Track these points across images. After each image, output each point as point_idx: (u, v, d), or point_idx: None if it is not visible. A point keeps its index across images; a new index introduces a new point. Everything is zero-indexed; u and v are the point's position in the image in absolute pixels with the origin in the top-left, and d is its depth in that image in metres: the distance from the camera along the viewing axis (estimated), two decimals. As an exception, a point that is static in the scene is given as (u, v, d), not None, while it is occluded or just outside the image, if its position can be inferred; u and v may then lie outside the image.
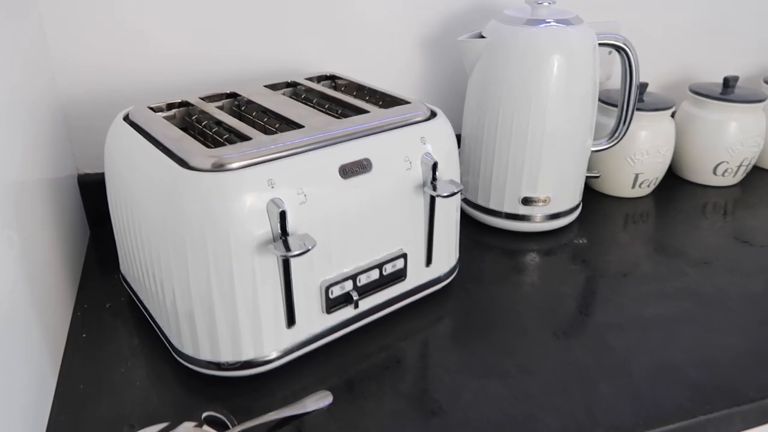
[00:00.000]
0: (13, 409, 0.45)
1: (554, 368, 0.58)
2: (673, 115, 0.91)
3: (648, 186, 0.90)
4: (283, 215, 0.49)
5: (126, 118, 0.60)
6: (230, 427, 0.49)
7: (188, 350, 0.54)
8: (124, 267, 0.65)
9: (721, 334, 0.62)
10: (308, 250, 0.49)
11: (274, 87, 0.69)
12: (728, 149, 0.91)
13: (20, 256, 0.51)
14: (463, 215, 0.82)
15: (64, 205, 0.70)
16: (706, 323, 0.64)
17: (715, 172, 0.93)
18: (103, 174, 0.62)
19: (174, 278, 0.52)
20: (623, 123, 0.81)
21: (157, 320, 0.59)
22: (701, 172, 0.94)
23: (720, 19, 1.02)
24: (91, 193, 0.77)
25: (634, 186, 0.89)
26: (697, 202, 0.91)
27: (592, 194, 0.91)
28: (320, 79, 0.73)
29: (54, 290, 0.60)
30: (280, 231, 0.49)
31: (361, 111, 0.61)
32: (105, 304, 0.66)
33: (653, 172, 0.88)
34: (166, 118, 0.61)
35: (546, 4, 0.73)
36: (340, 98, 0.65)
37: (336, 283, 0.56)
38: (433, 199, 0.60)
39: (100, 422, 0.51)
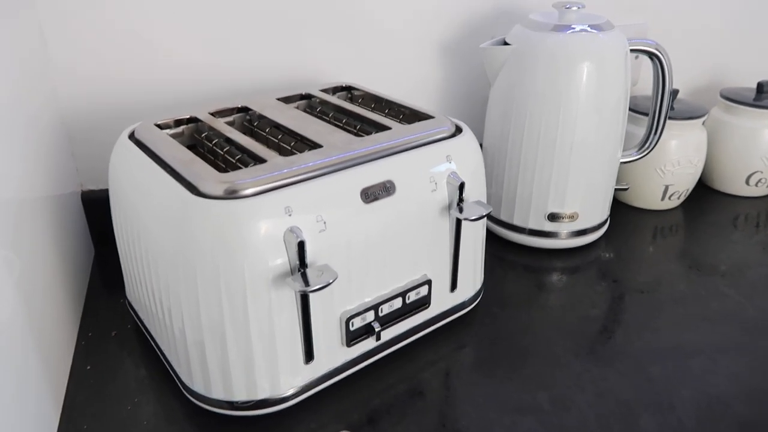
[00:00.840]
0: (12, 459, 0.41)
1: (591, 402, 0.54)
2: (703, 122, 0.87)
3: (678, 198, 0.86)
4: (301, 245, 0.45)
5: (131, 136, 0.56)
6: (245, 474, 0.46)
7: (199, 388, 0.51)
8: (130, 292, 0.62)
9: (768, 364, 0.58)
10: (329, 284, 0.45)
11: (287, 100, 0.65)
12: (762, 158, 0.86)
13: (20, 281, 0.48)
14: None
15: (67, 223, 0.67)
16: (751, 351, 0.60)
17: (747, 183, 0.89)
18: (107, 190, 0.58)
19: (183, 311, 0.48)
20: (654, 133, 0.76)
21: (166, 354, 0.55)
22: (733, 183, 0.90)
23: (752, 19, 0.97)
24: (96, 210, 0.73)
25: (663, 198, 0.85)
26: (729, 215, 0.87)
27: (619, 206, 0.87)
28: (336, 90, 0.69)
29: (56, 318, 0.56)
30: (298, 263, 0.46)
31: (381, 127, 0.57)
32: (110, 331, 0.62)
33: (684, 183, 0.84)
34: (174, 135, 0.57)
35: (575, 8, 0.69)
36: (357, 112, 0.61)
37: (357, 314, 0.52)
38: (459, 222, 0.56)
39: (106, 467, 0.48)
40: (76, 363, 0.58)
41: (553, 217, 0.73)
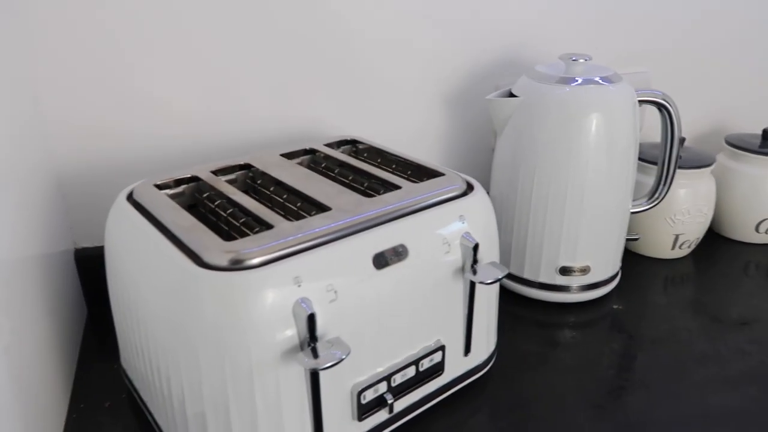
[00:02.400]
0: None
1: (617, 476, 0.51)
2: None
3: (689, 246, 0.84)
4: (311, 318, 0.43)
5: (129, 198, 0.54)
6: None
7: (200, 470, 0.47)
8: (125, 359, 0.58)
9: (800, 430, 0.55)
10: (341, 360, 0.42)
11: (291, 155, 0.63)
12: (771, 206, 0.85)
13: (8, 347, 0.44)
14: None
15: (60, 283, 0.64)
16: (780, 416, 0.57)
17: (757, 230, 0.87)
18: (101, 247, 0.55)
19: (184, 382, 0.45)
20: (664, 183, 0.75)
21: (163, 429, 0.52)
22: (742, 230, 0.88)
23: (756, 65, 0.97)
24: (90, 268, 0.70)
25: (674, 247, 0.83)
26: (740, 263, 0.85)
27: (629, 256, 0.85)
28: (340, 144, 0.68)
29: (46, 388, 0.53)
30: (308, 336, 0.43)
31: (389, 185, 0.55)
32: (104, 402, 0.58)
33: (694, 232, 0.82)
34: (174, 195, 0.55)
35: (582, 60, 0.68)
36: (364, 169, 0.59)
37: (369, 386, 0.49)
38: (473, 284, 0.54)
39: None
40: (66, 439, 0.54)
41: (564, 271, 0.71)
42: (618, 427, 0.56)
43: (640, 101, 0.70)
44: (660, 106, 0.71)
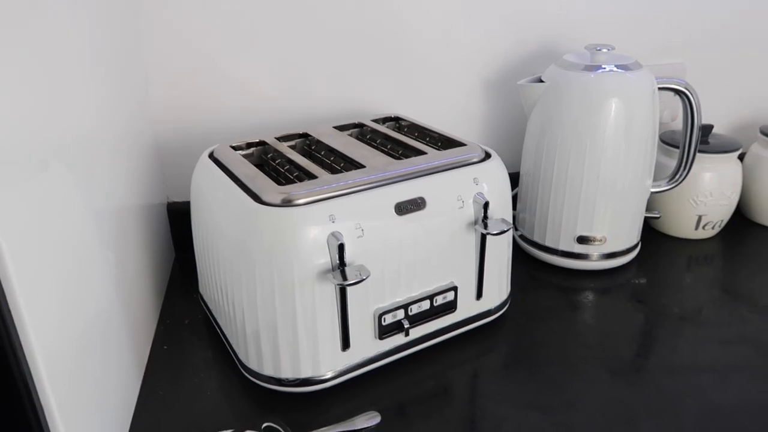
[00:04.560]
0: (106, 407, 0.52)
1: (600, 406, 0.59)
2: (741, 157, 0.90)
3: (713, 228, 0.89)
4: (341, 247, 0.54)
5: (211, 155, 0.67)
6: (287, 438, 0.54)
7: (253, 366, 0.60)
8: (203, 287, 0.72)
9: (779, 384, 0.61)
10: (363, 280, 0.53)
11: (342, 128, 0.75)
12: (801, 193, 0.88)
13: (116, 274, 0.59)
14: (520, 251, 0.85)
15: (154, 229, 0.79)
16: (764, 371, 0.63)
17: (787, 216, 0.91)
18: (189, 202, 0.69)
19: (244, 300, 0.58)
20: (684, 166, 0.81)
21: (228, 337, 0.65)
22: (772, 216, 0.92)
23: (795, 59, 0.99)
24: (178, 219, 0.86)
25: (697, 228, 0.88)
26: (766, 247, 0.89)
27: (653, 234, 0.91)
28: (385, 120, 0.79)
29: (142, 306, 0.68)
30: (338, 261, 0.55)
31: (419, 152, 0.66)
32: (184, 320, 0.73)
33: (718, 214, 0.87)
34: (245, 156, 0.68)
35: (605, 50, 0.75)
36: (401, 140, 0.70)
37: (389, 311, 0.60)
38: (484, 236, 0.63)
39: (175, 425, 0.58)
40: (155, 343, 0.69)
41: (582, 240, 0.79)
42: (610, 369, 0.64)
43: (660, 88, 0.76)
44: (680, 93, 0.77)
